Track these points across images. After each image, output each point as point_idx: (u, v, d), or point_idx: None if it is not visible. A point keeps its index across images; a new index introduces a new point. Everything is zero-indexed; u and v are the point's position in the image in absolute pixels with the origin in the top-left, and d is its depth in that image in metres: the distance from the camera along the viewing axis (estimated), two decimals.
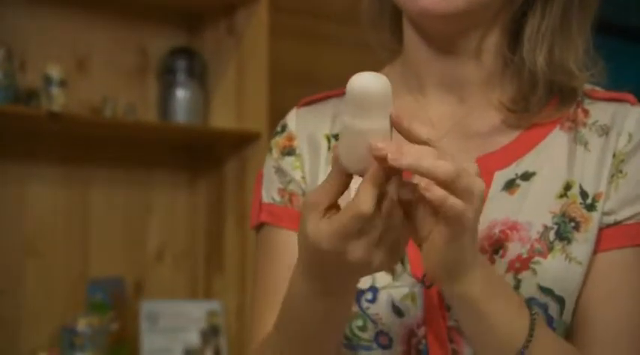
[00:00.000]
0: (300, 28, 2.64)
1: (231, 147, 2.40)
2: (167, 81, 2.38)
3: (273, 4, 2.35)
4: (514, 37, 0.83)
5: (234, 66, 2.42)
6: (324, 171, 0.88)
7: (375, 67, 0.92)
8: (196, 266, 2.56)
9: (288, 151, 0.92)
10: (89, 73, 2.33)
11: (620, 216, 0.79)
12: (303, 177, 0.90)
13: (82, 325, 2.15)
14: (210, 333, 2.33)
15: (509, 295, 0.72)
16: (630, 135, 0.80)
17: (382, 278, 0.81)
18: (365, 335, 0.82)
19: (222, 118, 2.43)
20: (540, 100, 0.82)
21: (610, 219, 0.79)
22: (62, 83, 2.10)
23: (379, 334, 0.82)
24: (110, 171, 2.41)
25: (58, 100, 2.08)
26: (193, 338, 2.32)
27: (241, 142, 2.35)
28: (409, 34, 0.86)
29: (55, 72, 2.10)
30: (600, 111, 0.83)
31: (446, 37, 0.83)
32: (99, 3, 2.32)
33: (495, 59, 0.84)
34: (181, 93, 2.36)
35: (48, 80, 2.09)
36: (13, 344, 2.18)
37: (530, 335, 0.72)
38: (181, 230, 2.55)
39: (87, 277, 2.31)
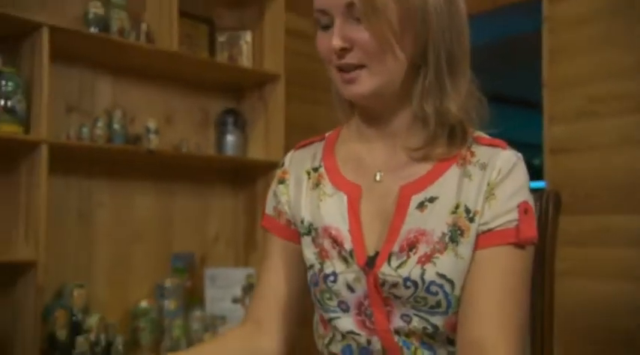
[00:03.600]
0: (305, 96, 2.96)
1: (261, 171, 2.75)
2: (221, 130, 2.75)
3: (288, 81, 2.72)
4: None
5: (263, 120, 2.75)
6: (304, 196, 0.94)
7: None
8: (238, 246, 2.87)
9: (281, 181, 0.97)
10: (173, 125, 2.69)
11: (491, 225, 0.85)
12: (288, 201, 0.96)
13: (169, 283, 2.53)
14: (248, 288, 2.66)
15: None
16: (499, 170, 0.86)
17: (339, 266, 0.88)
18: (331, 303, 0.90)
19: (256, 153, 2.76)
20: (437, 139, 0.88)
21: (484, 228, 0.85)
22: (156, 131, 2.47)
23: (340, 303, 0.89)
24: (185, 186, 2.72)
25: (153, 142, 2.44)
26: (238, 292, 2.64)
27: (268, 168, 2.69)
28: (357, 108, 0.95)
29: (152, 124, 2.48)
30: (482, 153, 0.88)
31: (373, 108, 0.90)
32: (179, 81, 2.68)
33: (408, 114, 0.90)
34: (230, 138, 2.73)
35: (148, 129, 2.46)
36: (125, 297, 2.53)
37: None
38: (229, 224, 2.85)
39: (171, 253, 2.64)
